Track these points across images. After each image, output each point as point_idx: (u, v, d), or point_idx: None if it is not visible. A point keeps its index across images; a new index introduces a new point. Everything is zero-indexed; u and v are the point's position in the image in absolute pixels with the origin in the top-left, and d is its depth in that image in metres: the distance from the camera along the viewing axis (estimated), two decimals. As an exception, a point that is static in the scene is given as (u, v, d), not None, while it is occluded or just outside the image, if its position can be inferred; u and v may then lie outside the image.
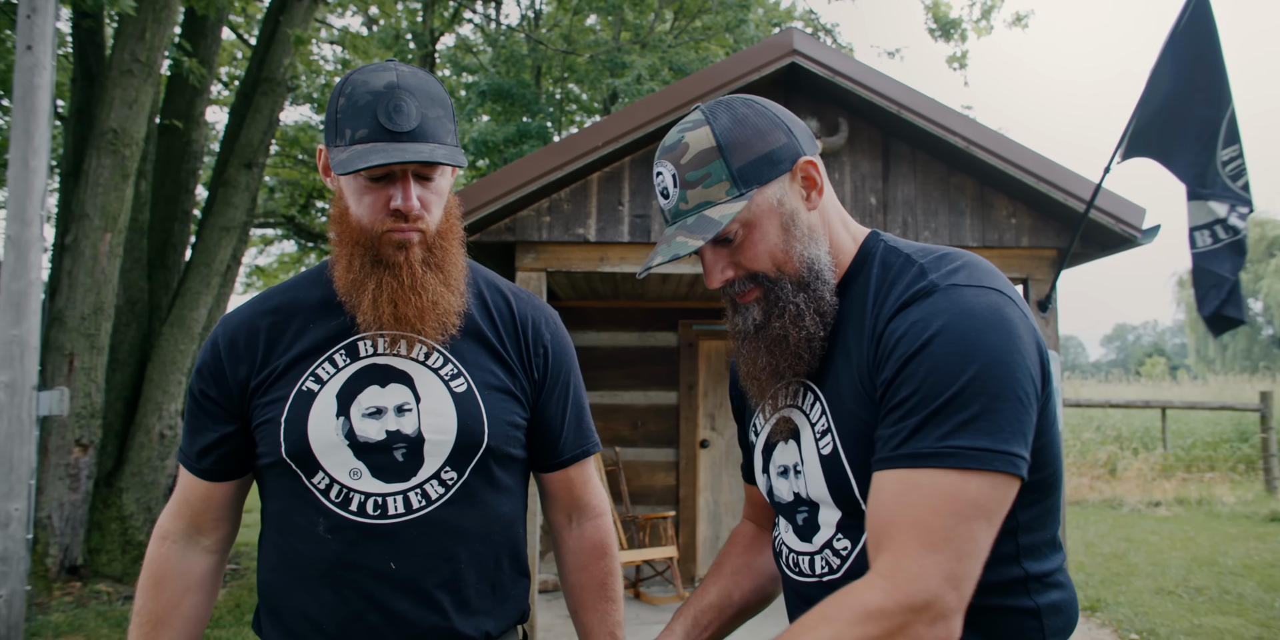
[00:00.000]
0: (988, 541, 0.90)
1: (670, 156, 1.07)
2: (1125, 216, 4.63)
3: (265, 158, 6.84)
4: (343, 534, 1.20)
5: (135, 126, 5.41)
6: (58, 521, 5.51)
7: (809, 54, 4.68)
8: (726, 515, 6.19)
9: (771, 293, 1.07)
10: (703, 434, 6.24)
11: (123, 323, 6.24)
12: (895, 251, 1.08)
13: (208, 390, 1.28)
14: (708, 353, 6.32)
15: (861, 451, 1.01)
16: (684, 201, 1.06)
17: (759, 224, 1.05)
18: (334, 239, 1.25)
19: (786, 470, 1.13)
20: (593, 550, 1.42)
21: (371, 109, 1.15)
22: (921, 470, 0.90)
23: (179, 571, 1.30)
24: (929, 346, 0.94)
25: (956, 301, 0.96)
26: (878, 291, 1.04)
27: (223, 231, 6.46)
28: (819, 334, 1.06)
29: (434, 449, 1.23)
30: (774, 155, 1.05)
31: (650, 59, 10.94)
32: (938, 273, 1.01)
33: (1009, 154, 4.63)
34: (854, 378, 1.03)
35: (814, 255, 1.07)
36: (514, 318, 1.35)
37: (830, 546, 1.07)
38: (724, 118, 1.05)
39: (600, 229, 4.76)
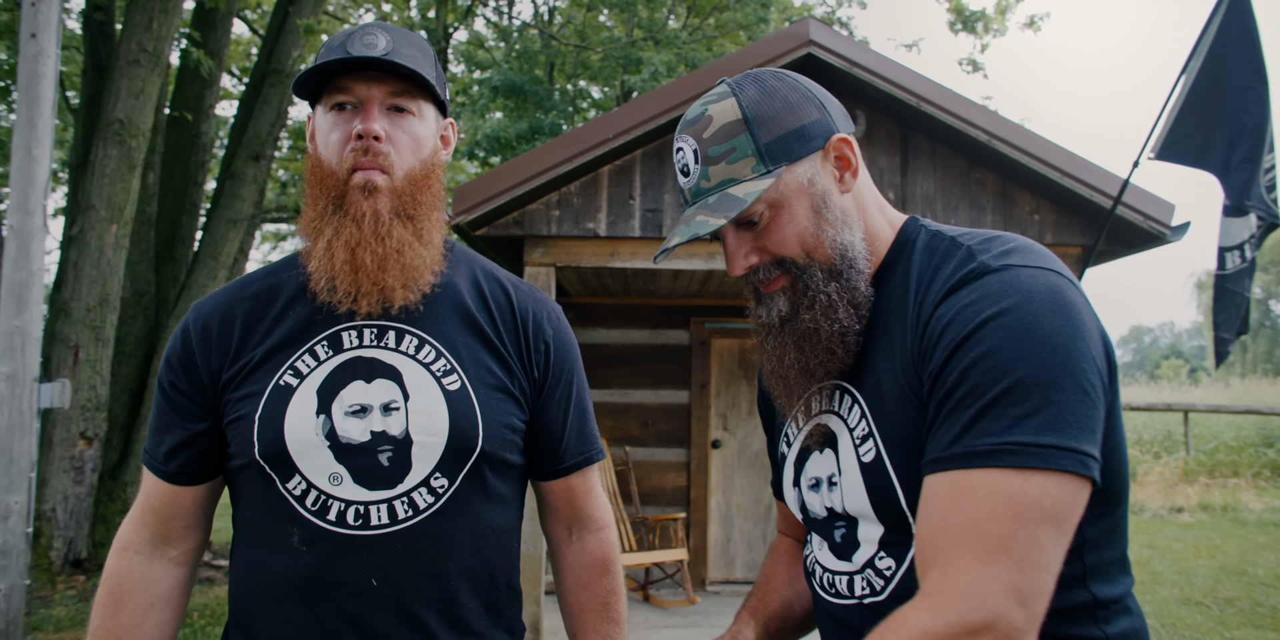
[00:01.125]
0: (1058, 552, 0.77)
1: (692, 130, 0.98)
2: (1154, 213, 4.49)
3: (273, 150, 6.78)
4: (319, 546, 1.08)
5: (142, 117, 5.35)
6: (62, 514, 5.46)
7: (826, 44, 4.56)
8: (738, 517, 6.08)
9: (800, 281, 0.97)
10: (715, 434, 6.12)
11: (129, 315, 6.20)
12: (939, 235, 0.98)
13: (177, 382, 1.16)
14: (720, 351, 6.21)
15: (908, 457, 0.90)
16: (705, 179, 0.96)
17: (787, 205, 0.95)
18: (305, 191, 1.16)
19: (819, 482, 1.02)
20: (594, 566, 1.29)
21: (341, 41, 1.10)
22: (977, 471, 0.78)
23: (142, 586, 1.16)
24: (982, 331, 0.83)
25: (1012, 283, 0.85)
26: (920, 278, 0.94)
27: (230, 224, 6.41)
28: (853, 327, 0.96)
29: (423, 452, 1.11)
30: (805, 131, 0.95)
31: (665, 55, 10.83)
32: (988, 253, 0.90)
33: (1032, 148, 4.50)
34: (897, 374, 0.92)
35: (847, 241, 0.97)
36: (513, 310, 1.24)
37: (872, 566, 0.96)
38: (751, 89, 0.96)
39: (611, 223, 4.66)
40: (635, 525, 5.86)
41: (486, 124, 11.56)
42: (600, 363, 6.14)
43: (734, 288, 5.68)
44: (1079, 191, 4.49)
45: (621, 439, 6.12)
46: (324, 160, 1.12)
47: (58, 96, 4.45)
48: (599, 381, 6.13)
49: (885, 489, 0.91)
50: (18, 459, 4.20)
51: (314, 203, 1.13)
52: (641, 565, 5.34)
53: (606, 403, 6.13)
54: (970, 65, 12.89)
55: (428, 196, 1.16)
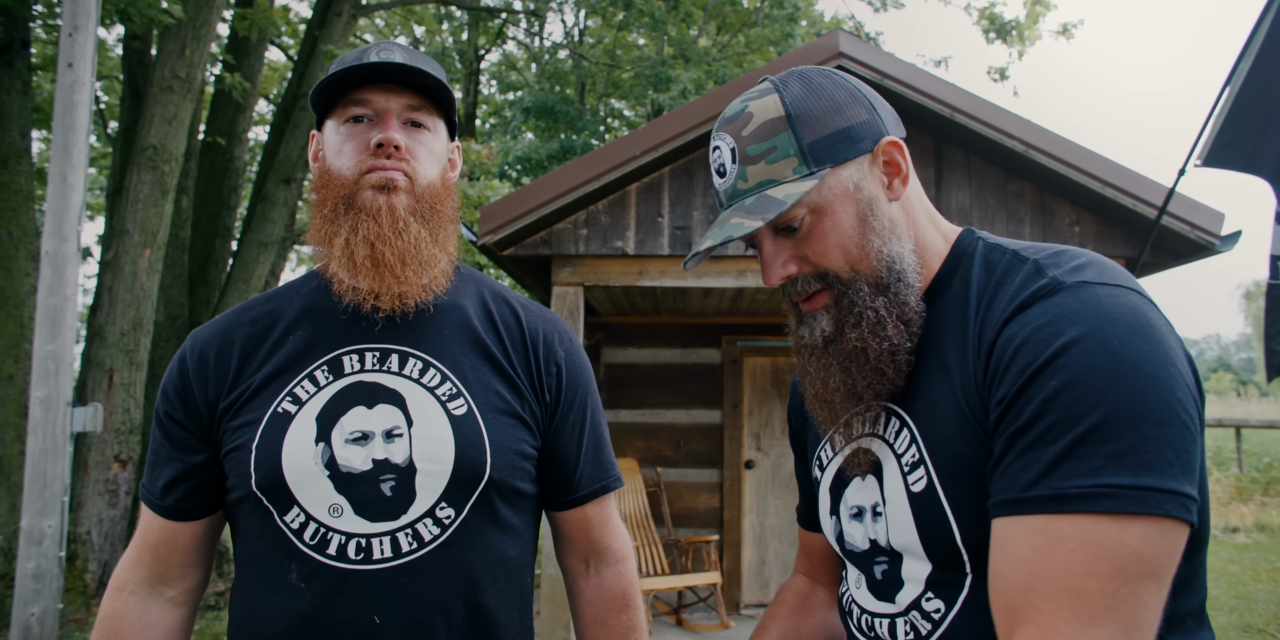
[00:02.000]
0: (1159, 609, 0.70)
1: (730, 128, 0.91)
2: (1202, 222, 4.33)
3: (304, 173, 6.85)
4: (319, 582, 1.02)
5: (175, 142, 5.42)
6: (96, 537, 5.49)
7: (855, 57, 4.48)
8: (773, 539, 5.94)
9: (844, 297, 0.89)
10: (748, 454, 6.01)
11: (163, 338, 6.25)
12: (998, 248, 0.89)
13: (174, 413, 1.11)
14: (753, 370, 6.10)
15: (965, 488, 0.81)
16: (743, 179, 0.89)
17: (831, 210, 0.88)
18: (314, 204, 1.12)
19: (862, 511, 0.93)
20: (613, 602, 1.23)
21: (357, 54, 1.08)
22: (1067, 516, 0.70)
23: (137, 628, 1.11)
24: (1063, 357, 0.74)
25: (1090, 302, 0.77)
26: (981, 295, 0.86)
27: (261, 247, 6.46)
28: (904, 345, 0.88)
29: (427, 481, 1.05)
30: (852, 132, 0.88)
31: (695, 73, 10.82)
32: (1059, 269, 0.81)
33: (1071, 158, 4.37)
34: (955, 398, 0.84)
35: (895, 252, 0.89)
36: (523, 332, 1.18)
37: (918, 608, 0.87)
38: (796, 86, 0.90)
39: (639, 241, 4.60)
40: (667, 547, 5.75)
41: (518, 145, 11.62)
42: (631, 382, 6.06)
43: (766, 305, 5.58)
44: (1121, 201, 4.35)
45: (653, 460, 6.02)
46: (333, 169, 1.09)
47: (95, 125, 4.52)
48: (630, 401, 6.05)
49: (938, 522, 0.83)
50: (51, 483, 4.23)
51: (321, 206, 1.10)
52: (674, 589, 5.23)
53: (638, 423, 6.05)
54: (999, 74, 12.72)
55: (445, 208, 1.13)
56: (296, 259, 16.34)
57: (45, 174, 8.13)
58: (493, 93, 15.13)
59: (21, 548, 4.12)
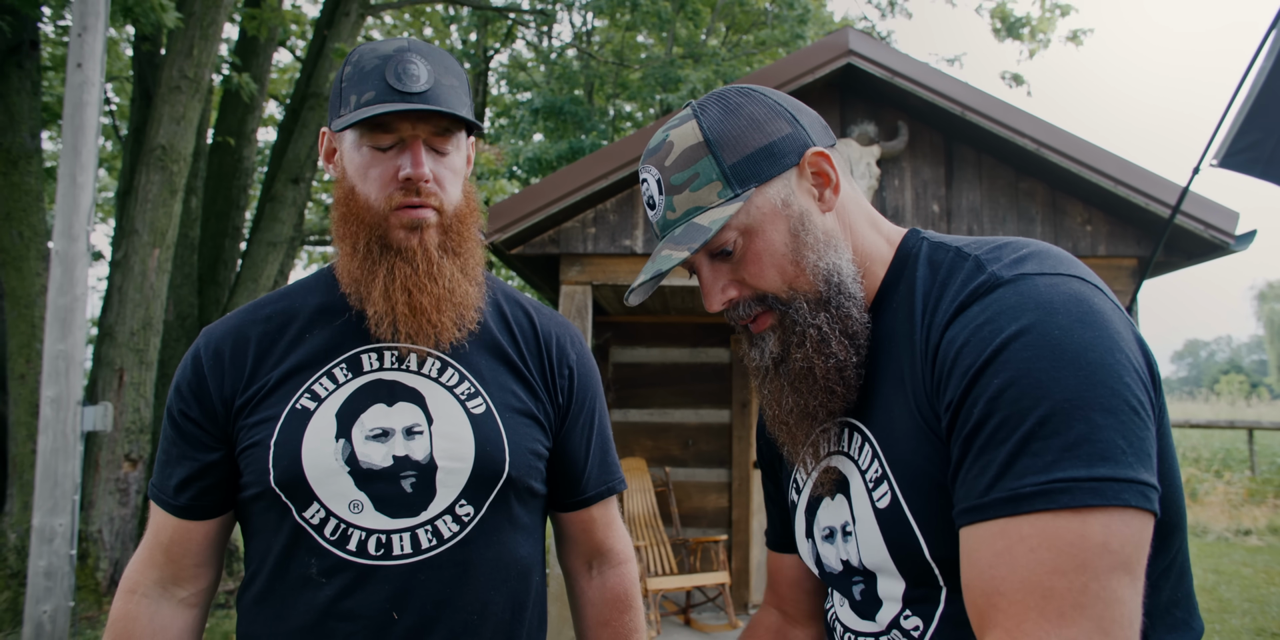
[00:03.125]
0: (1136, 603, 0.67)
1: (654, 159, 0.90)
2: (1216, 222, 4.29)
3: (313, 173, 6.86)
4: (339, 578, 1.03)
5: (183, 142, 5.44)
6: (108, 536, 5.50)
7: (865, 54, 4.46)
8: (782, 539, 5.93)
9: (786, 317, 0.88)
10: (756, 454, 5.99)
11: (173, 338, 6.27)
12: (942, 247, 0.88)
13: (188, 410, 1.10)
14: (761, 369, 6.09)
15: (929, 501, 0.79)
16: (671, 209, 0.88)
17: (761, 230, 0.87)
18: (337, 223, 1.10)
19: (833, 532, 0.91)
20: (616, 603, 1.24)
21: (380, 71, 1.04)
22: (1025, 517, 0.68)
23: (150, 630, 1.10)
24: (1004, 354, 0.72)
25: (1029, 294, 0.75)
26: (926, 297, 0.84)
27: (270, 247, 6.47)
28: (851, 360, 0.87)
29: (448, 478, 1.06)
30: (774, 148, 0.87)
31: (704, 73, 10.81)
32: (999, 263, 0.80)
33: (1084, 156, 4.33)
34: (908, 409, 0.82)
35: (832, 264, 0.87)
36: (536, 334, 1.20)
37: (898, 626, 0.85)
38: (713, 109, 0.88)
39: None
40: (676, 547, 5.73)
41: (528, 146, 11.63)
42: (640, 382, 6.05)
43: (774, 304, 5.57)
44: (1134, 200, 4.31)
45: (662, 459, 6.01)
46: (361, 194, 1.07)
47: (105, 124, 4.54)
48: (638, 401, 6.04)
49: (905, 538, 0.81)
50: (61, 481, 4.24)
51: (353, 238, 1.08)
52: (682, 588, 5.21)
53: (646, 422, 6.03)
54: (1012, 79, 12.67)
55: (471, 227, 1.14)
56: (307, 258, 16.38)
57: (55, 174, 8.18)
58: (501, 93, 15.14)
59: (33, 546, 4.14)
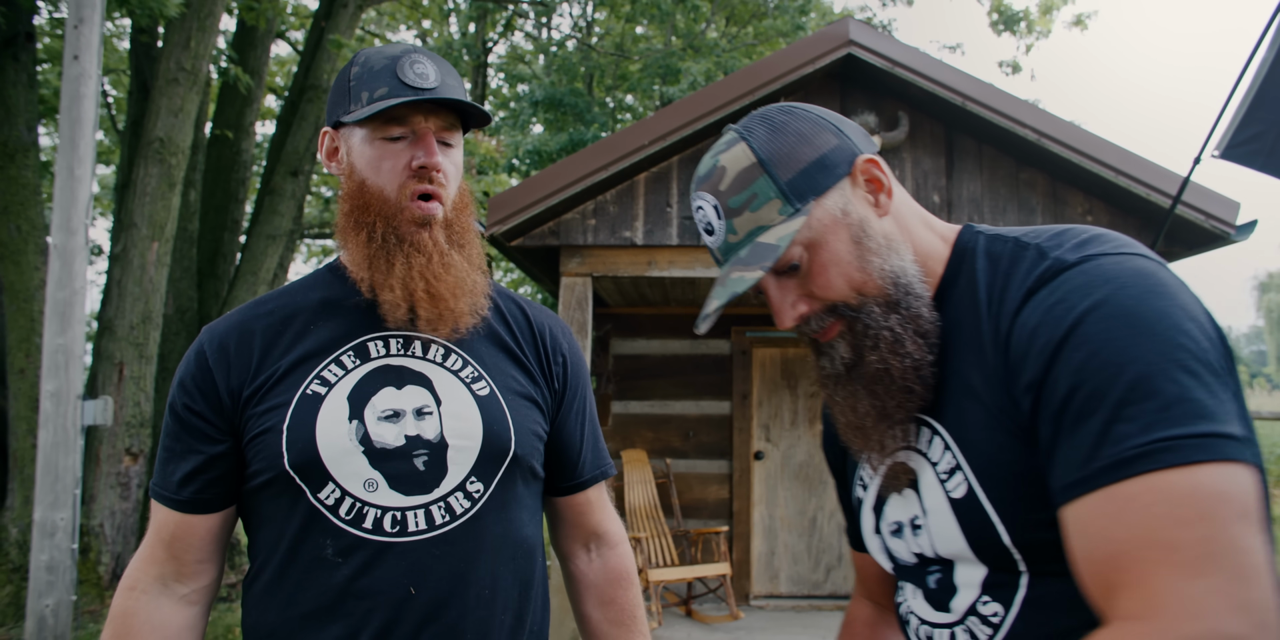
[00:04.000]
0: (1266, 552, 0.65)
1: (707, 186, 0.91)
2: (1216, 212, 4.28)
3: (311, 166, 6.84)
4: (357, 555, 1.05)
5: (181, 135, 5.42)
6: (109, 530, 5.51)
7: (866, 44, 4.44)
8: (782, 530, 5.93)
9: (857, 322, 0.88)
10: (757, 445, 5.99)
11: (172, 332, 6.26)
12: (999, 239, 0.88)
13: (193, 404, 1.11)
14: (762, 361, 6.08)
15: (1005, 488, 0.80)
16: (732, 233, 0.89)
17: (825, 242, 0.87)
18: (345, 217, 1.13)
19: (901, 527, 0.92)
20: (618, 581, 1.29)
21: (391, 70, 1.09)
22: (1132, 480, 0.67)
23: (148, 628, 1.09)
24: (1080, 327, 0.72)
25: (1096, 273, 0.76)
26: (990, 289, 0.85)
27: (269, 240, 6.46)
28: (926, 359, 0.87)
29: (458, 456, 1.09)
30: (826, 160, 0.88)
31: (704, 65, 10.76)
32: (1061, 248, 0.81)
33: (1084, 146, 4.32)
34: (980, 399, 0.83)
35: (897, 267, 0.88)
36: (530, 325, 1.26)
37: (975, 613, 0.85)
38: (760, 130, 0.90)
39: (648, 231, 4.58)
40: (677, 538, 5.74)
41: (527, 138, 11.59)
42: (640, 373, 6.04)
43: (775, 296, 5.56)
44: (1135, 191, 4.30)
45: (662, 451, 6.01)
46: (373, 186, 1.11)
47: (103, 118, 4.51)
48: (639, 393, 6.04)
49: (983, 526, 0.81)
50: (62, 476, 4.24)
51: (367, 228, 1.12)
52: (684, 580, 5.22)
53: (647, 414, 6.03)
54: (1010, 68, 12.62)
55: (469, 221, 1.18)
56: (307, 252, 16.36)
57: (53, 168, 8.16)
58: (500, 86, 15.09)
59: (35, 540, 4.14)
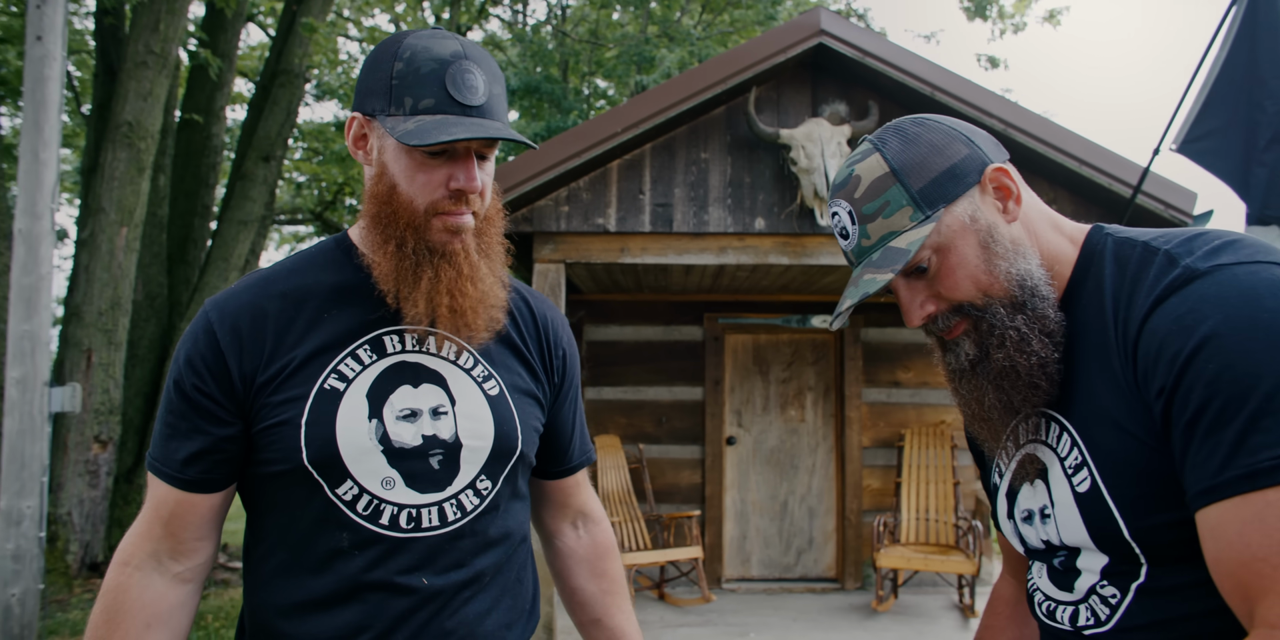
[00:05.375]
0: None
1: (843, 193, 0.97)
2: (1175, 201, 4.37)
3: (283, 151, 6.78)
4: (372, 550, 1.08)
5: (150, 119, 5.35)
6: (78, 518, 5.47)
7: (837, 34, 4.48)
8: (754, 514, 6.01)
9: (983, 322, 0.93)
10: (729, 430, 6.05)
11: (142, 318, 6.21)
12: (1129, 242, 0.91)
13: (203, 386, 1.08)
14: (734, 347, 6.14)
15: (1128, 485, 0.85)
16: (866, 238, 0.96)
17: (954, 246, 0.93)
18: (372, 218, 1.10)
19: (1031, 515, 0.98)
20: (605, 554, 1.37)
21: (439, 78, 1.04)
22: (1267, 491, 0.71)
23: (140, 604, 1.08)
24: (1215, 340, 0.76)
25: (1229, 283, 0.79)
26: (1117, 293, 0.88)
27: (240, 225, 6.40)
28: (1052, 356, 0.92)
29: (470, 456, 1.13)
30: (956, 169, 0.93)
31: (679, 53, 10.76)
32: (1192, 256, 0.83)
33: (1050, 137, 4.39)
34: (1107, 400, 0.87)
35: (1023, 270, 0.93)
36: (534, 318, 1.27)
37: (1095, 593, 0.91)
38: (893, 141, 0.96)
39: (621, 218, 4.60)
40: (650, 523, 5.80)
41: (499, 124, 11.50)
42: (613, 360, 6.08)
43: (747, 283, 5.60)
44: (1098, 180, 4.38)
45: (635, 436, 6.06)
46: (404, 195, 1.07)
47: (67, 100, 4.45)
48: (612, 379, 6.07)
49: (1105, 519, 0.87)
50: (29, 463, 4.20)
51: (397, 239, 1.09)
52: (656, 563, 5.28)
53: (620, 400, 6.07)
54: (989, 62, 12.72)
55: (498, 228, 1.17)
56: (279, 238, 16.20)
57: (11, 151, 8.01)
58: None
59: (1, 529, 4.11)
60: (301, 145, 11.20)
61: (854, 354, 6.01)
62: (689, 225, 4.60)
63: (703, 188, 4.63)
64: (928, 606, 5.41)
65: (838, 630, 4.88)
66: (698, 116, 4.67)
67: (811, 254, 4.61)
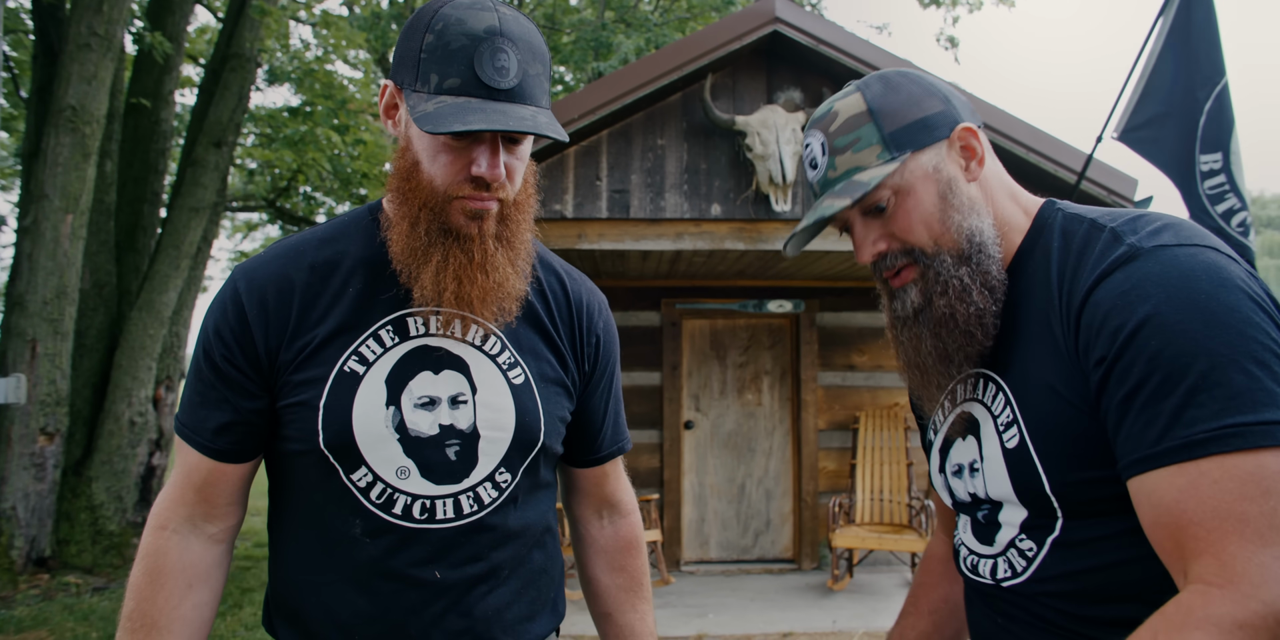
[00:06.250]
0: None
1: (820, 125, 1.03)
2: (1117, 187, 4.51)
3: (235, 136, 6.65)
4: (383, 539, 1.07)
5: (95, 103, 5.22)
6: (23, 512, 5.36)
7: (791, 22, 4.52)
8: (712, 497, 6.09)
9: (930, 270, 0.98)
10: (687, 415, 6.11)
11: (89, 307, 6.07)
12: (1077, 218, 0.96)
13: (232, 357, 1.07)
14: (691, 332, 6.19)
15: (1055, 444, 0.89)
16: (832, 169, 1.01)
17: (913, 190, 0.97)
18: (395, 191, 1.08)
19: (961, 469, 1.03)
20: (628, 548, 1.32)
21: (467, 56, 0.98)
22: (1203, 460, 0.75)
23: (180, 565, 1.09)
24: (1154, 317, 0.80)
25: (1170, 263, 0.83)
26: (1062, 264, 0.93)
27: (192, 213, 6.28)
28: (990, 309, 0.97)
29: (489, 448, 1.10)
30: (929, 121, 0.98)
31: (637, 40, 10.73)
32: (1136, 235, 0.88)
33: (997, 123, 4.49)
34: (1046, 363, 0.91)
35: (975, 226, 0.97)
36: (569, 302, 1.22)
37: (1014, 546, 0.96)
38: (876, 85, 1.01)
39: (577, 204, 4.61)
40: (610, 509, 5.84)
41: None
42: (572, 347, 6.08)
43: (704, 268, 5.65)
44: (1043, 166, 4.50)
45: (595, 423, 6.07)
46: (426, 174, 1.04)
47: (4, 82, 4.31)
48: (571, 366, 6.08)
49: (1029, 474, 0.91)
50: (-26, 454, 4.11)
51: (411, 217, 1.06)
52: (616, 548, 5.32)
53: (579, 387, 6.08)
54: (949, 41, 12.87)
55: (527, 214, 1.12)
56: (231, 225, 15.89)
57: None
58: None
59: (-55, 520, 4.02)
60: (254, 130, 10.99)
61: (810, 338, 6.10)
62: (646, 211, 4.63)
63: (659, 174, 4.66)
64: (882, 584, 5.54)
65: (794, 609, 4.98)
66: (654, 103, 4.69)
67: (767, 239, 4.67)
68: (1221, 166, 3.25)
